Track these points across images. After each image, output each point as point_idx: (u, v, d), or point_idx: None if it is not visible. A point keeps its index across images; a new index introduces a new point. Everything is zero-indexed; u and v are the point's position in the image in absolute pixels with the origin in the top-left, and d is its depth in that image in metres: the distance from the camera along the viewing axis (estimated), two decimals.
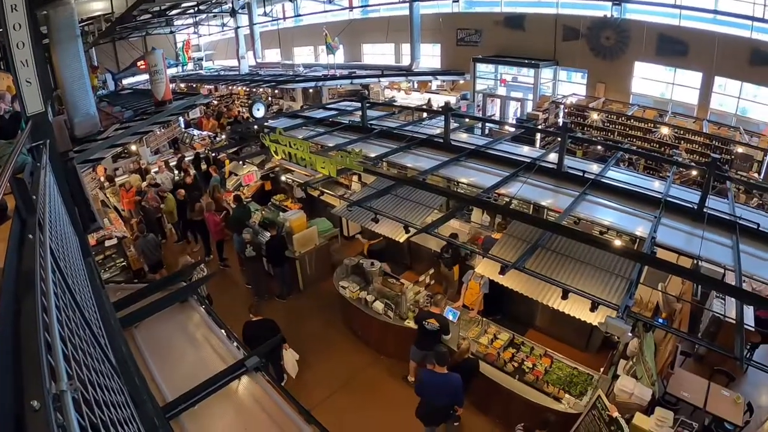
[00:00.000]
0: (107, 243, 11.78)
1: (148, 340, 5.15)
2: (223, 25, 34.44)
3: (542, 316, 9.93)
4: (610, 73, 20.68)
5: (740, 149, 16.50)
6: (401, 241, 8.77)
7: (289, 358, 8.82)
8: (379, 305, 9.52)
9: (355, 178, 13.02)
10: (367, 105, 12.23)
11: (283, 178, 14.10)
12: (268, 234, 11.46)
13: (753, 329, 9.97)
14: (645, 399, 7.29)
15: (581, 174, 8.79)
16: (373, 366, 9.77)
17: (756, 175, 16.70)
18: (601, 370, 8.27)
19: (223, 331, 5.44)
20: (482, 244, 10.19)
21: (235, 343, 5.29)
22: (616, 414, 6.92)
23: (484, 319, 9.30)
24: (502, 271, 7.08)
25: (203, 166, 17.26)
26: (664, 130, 17.29)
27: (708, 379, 8.80)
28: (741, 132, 17.67)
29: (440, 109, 11.34)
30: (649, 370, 7.45)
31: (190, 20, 32.54)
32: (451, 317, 8.69)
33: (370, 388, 9.27)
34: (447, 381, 7.13)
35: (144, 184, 15.60)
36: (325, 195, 10.64)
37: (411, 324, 9.08)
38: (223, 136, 21.08)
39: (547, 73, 22.39)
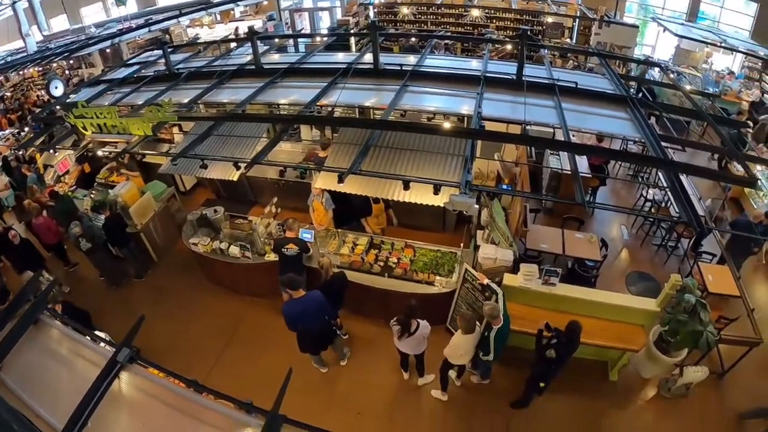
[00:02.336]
0: None
1: (17, 377, 4.42)
2: None
3: (395, 211, 10.04)
4: None
5: (550, 19, 17.56)
6: (235, 179, 8.31)
7: None
8: (234, 249, 9.16)
9: (175, 129, 12.08)
10: (170, 50, 11.20)
11: (99, 153, 12.73)
12: (102, 217, 10.38)
13: (590, 176, 10.80)
14: (508, 260, 7.68)
15: (399, 68, 8.71)
16: (252, 311, 9.61)
17: (568, 40, 17.88)
18: (462, 245, 8.59)
19: (87, 336, 4.84)
20: (314, 161, 10.02)
21: (102, 344, 4.74)
22: (486, 281, 7.25)
23: (339, 230, 9.28)
24: (340, 179, 6.91)
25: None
26: (475, 13, 17.81)
27: (561, 227, 9.49)
28: (549, 3, 18.68)
29: (245, 36, 10.66)
30: (504, 234, 7.82)
31: None
32: (308, 237, 8.54)
33: (256, 333, 9.16)
34: (309, 301, 7.04)
35: None
36: (147, 157, 9.71)
37: (272, 257, 8.89)
38: (27, 129, 18.59)
39: None
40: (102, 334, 7.12)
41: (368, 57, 9.33)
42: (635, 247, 11.16)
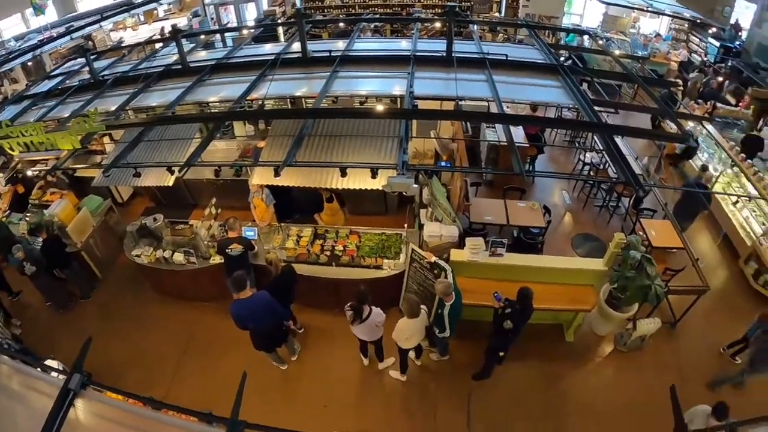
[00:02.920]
0: None
1: None
2: None
3: (337, 198, 9.91)
4: None
5: None
6: (170, 184, 8.08)
7: None
8: (178, 256, 8.89)
9: (106, 139, 11.63)
10: (93, 56, 10.73)
11: (29, 173, 12.21)
12: (40, 239, 9.93)
13: (528, 145, 10.94)
14: (454, 236, 7.75)
15: (328, 54, 8.58)
16: (204, 316, 9.36)
17: (497, 14, 18.08)
18: (406, 225, 8.62)
19: (38, 368, 4.60)
20: (251, 156, 9.83)
21: (54, 373, 4.50)
22: (433, 258, 7.26)
23: (282, 224, 9.15)
24: (276, 173, 6.78)
25: None
26: None
27: (503, 198, 9.60)
28: None
29: (169, 35, 10.33)
30: (446, 210, 7.86)
31: None
32: (251, 235, 8.39)
33: (211, 338, 8.93)
34: (257, 302, 6.88)
35: None
36: (78, 171, 9.33)
37: (217, 259, 8.71)
38: None
39: None
40: (54, 363, 6.86)
41: (296, 46, 9.18)
42: (578, 210, 11.43)
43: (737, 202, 10.74)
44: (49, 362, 6.38)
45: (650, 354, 8.58)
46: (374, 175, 6.62)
